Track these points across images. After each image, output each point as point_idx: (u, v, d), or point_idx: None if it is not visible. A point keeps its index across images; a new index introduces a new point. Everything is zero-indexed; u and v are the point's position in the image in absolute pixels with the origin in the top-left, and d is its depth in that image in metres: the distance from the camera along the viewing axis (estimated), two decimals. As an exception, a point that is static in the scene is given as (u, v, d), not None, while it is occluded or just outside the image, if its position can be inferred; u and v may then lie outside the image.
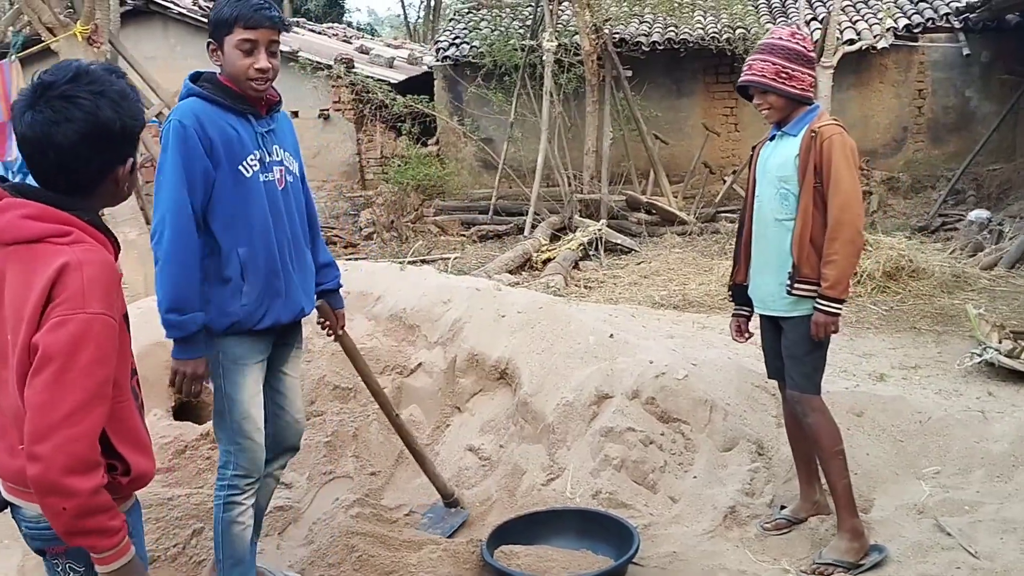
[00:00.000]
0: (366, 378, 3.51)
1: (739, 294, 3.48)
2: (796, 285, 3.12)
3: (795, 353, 3.21)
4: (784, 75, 3.11)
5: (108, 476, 1.72)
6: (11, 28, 7.21)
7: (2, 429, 1.78)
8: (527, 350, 4.31)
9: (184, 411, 4.23)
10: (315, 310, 3.11)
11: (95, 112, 1.72)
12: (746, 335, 3.52)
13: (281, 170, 2.82)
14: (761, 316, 3.39)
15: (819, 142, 3.08)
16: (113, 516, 1.68)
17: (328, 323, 3.22)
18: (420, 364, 4.51)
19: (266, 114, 2.80)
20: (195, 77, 2.75)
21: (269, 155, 2.78)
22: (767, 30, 12.48)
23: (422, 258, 9.62)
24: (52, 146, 1.71)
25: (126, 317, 1.81)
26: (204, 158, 2.63)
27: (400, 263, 5.67)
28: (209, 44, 2.72)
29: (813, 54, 3.22)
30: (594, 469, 3.73)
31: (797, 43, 3.16)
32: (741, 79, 3.22)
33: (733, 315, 3.54)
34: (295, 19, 19.71)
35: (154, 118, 7.62)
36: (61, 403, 1.61)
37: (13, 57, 7.04)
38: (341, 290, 3.23)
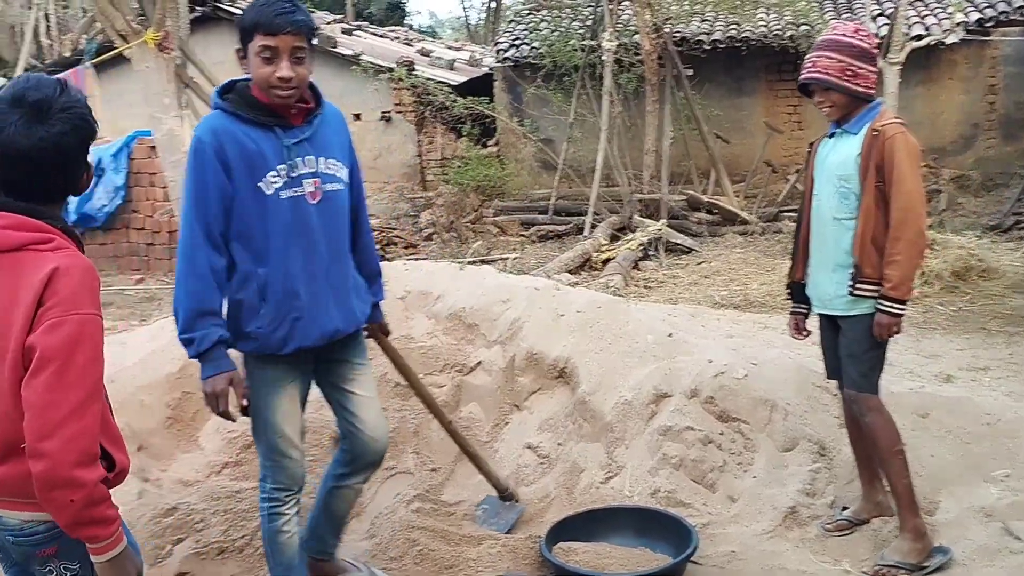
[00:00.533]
0: (415, 386, 3.48)
1: (797, 292, 3.46)
2: (858, 285, 3.09)
3: (853, 351, 3.17)
4: (849, 73, 3.06)
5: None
6: (85, 36, 7.45)
7: None
8: (586, 349, 4.33)
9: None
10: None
11: (86, 119, 1.84)
12: (804, 333, 3.49)
13: (315, 182, 2.66)
14: (820, 315, 3.36)
15: (881, 141, 3.03)
16: (110, 506, 1.75)
17: (368, 334, 3.10)
18: (479, 362, 4.56)
19: (302, 122, 2.66)
20: (227, 87, 2.68)
21: (299, 168, 2.63)
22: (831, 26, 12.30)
23: (481, 258, 9.69)
24: (62, 154, 1.79)
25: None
26: (219, 174, 2.55)
27: (460, 263, 5.73)
28: (237, 51, 2.62)
29: (877, 51, 3.18)
30: (652, 468, 3.74)
31: (862, 40, 3.10)
32: (804, 76, 3.16)
33: (791, 313, 3.51)
34: (357, 23, 19.99)
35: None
36: (63, 401, 1.67)
37: (88, 64, 7.30)
38: (402, 288, 3.25)
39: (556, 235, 11.44)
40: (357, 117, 13.34)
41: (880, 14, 12.44)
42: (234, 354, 2.68)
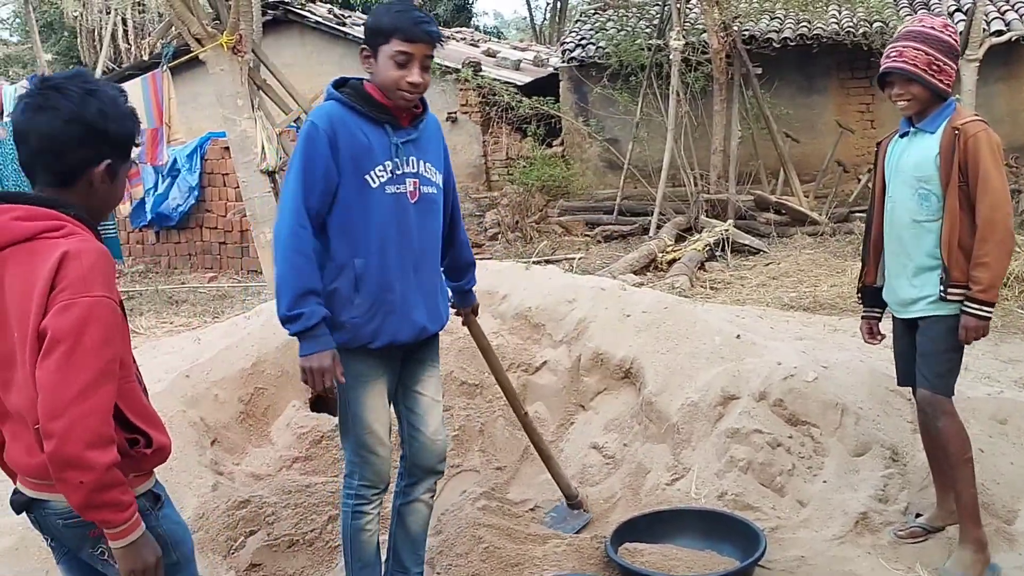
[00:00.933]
0: (497, 373, 3.55)
1: (870, 296, 3.40)
2: (949, 291, 3.01)
3: (930, 351, 3.10)
4: (934, 67, 2.99)
5: (133, 449, 1.85)
6: (162, 40, 7.66)
7: (14, 430, 1.86)
8: (652, 350, 4.30)
9: (320, 403, 4.42)
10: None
11: (80, 107, 1.81)
12: (879, 337, 3.43)
13: (415, 182, 2.75)
14: (895, 319, 3.30)
15: (963, 140, 2.95)
16: (125, 492, 1.75)
17: (458, 313, 3.28)
18: (545, 362, 4.57)
19: (409, 124, 2.75)
20: (339, 83, 2.76)
21: (403, 167, 2.72)
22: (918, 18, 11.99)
23: (546, 258, 9.70)
24: (35, 132, 1.81)
25: (122, 305, 1.88)
26: (328, 160, 2.62)
27: (525, 263, 5.74)
28: (363, 50, 2.70)
29: (958, 45, 3.11)
30: (720, 470, 3.70)
31: (949, 36, 3.04)
32: (888, 64, 3.06)
33: (863, 317, 3.46)
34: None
35: (292, 123, 7.97)
36: (73, 382, 1.68)
37: (164, 67, 7.50)
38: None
39: (621, 235, 11.39)
40: (423, 118, 13.44)
41: (957, 9, 12.11)
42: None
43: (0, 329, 1.82)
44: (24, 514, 1.96)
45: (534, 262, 7.06)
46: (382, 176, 2.68)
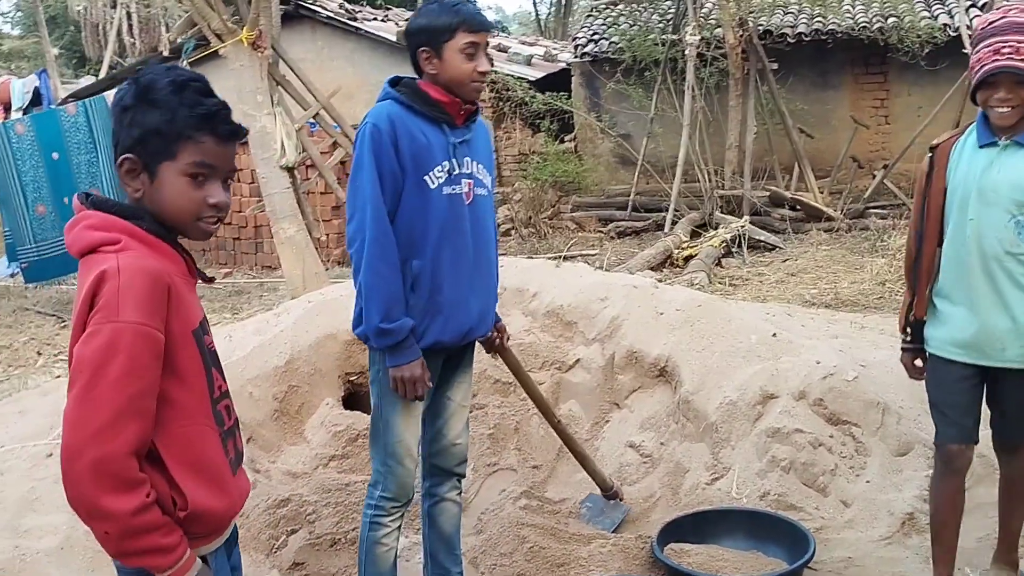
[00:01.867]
0: (528, 388, 3.47)
1: (916, 331, 2.93)
2: None
3: None
4: None
5: (160, 509, 1.58)
6: (183, 35, 7.64)
7: None
8: (687, 348, 4.28)
9: (354, 401, 4.41)
10: None
11: (123, 102, 1.71)
12: (924, 370, 2.97)
13: (470, 183, 2.72)
14: (958, 365, 2.80)
15: None
16: (167, 533, 1.56)
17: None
18: (578, 360, 4.55)
19: (463, 123, 2.72)
20: (394, 81, 2.72)
21: (459, 167, 2.69)
22: (922, 18, 11.95)
23: (580, 253, 9.69)
24: (112, 133, 1.72)
25: (204, 330, 1.72)
26: (394, 161, 2.59)
27: (555, 259, 5.73)
28: (422, 52, 2.63)
29: None
30: (761, 470, 3.68)
31: None
32: (1001, 63, 2.51)
33: (907, 349, 2.98)
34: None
35: (311, 119, 7.95)
36: (90, 420, 1.50)
37: (185, 62, 7.47)
38: (499, 286, 3.15)
39: (635, 231, 11.37)
40: (435, 113, 13.43)
41: (973, 4, 12.06)
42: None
43: (74, 338, 1.71)
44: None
45: (564, 258, 7.04)
46: (440, 177, 2.65)
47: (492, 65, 2.70)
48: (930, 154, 2.78)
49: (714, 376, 4.11)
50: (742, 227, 9.86)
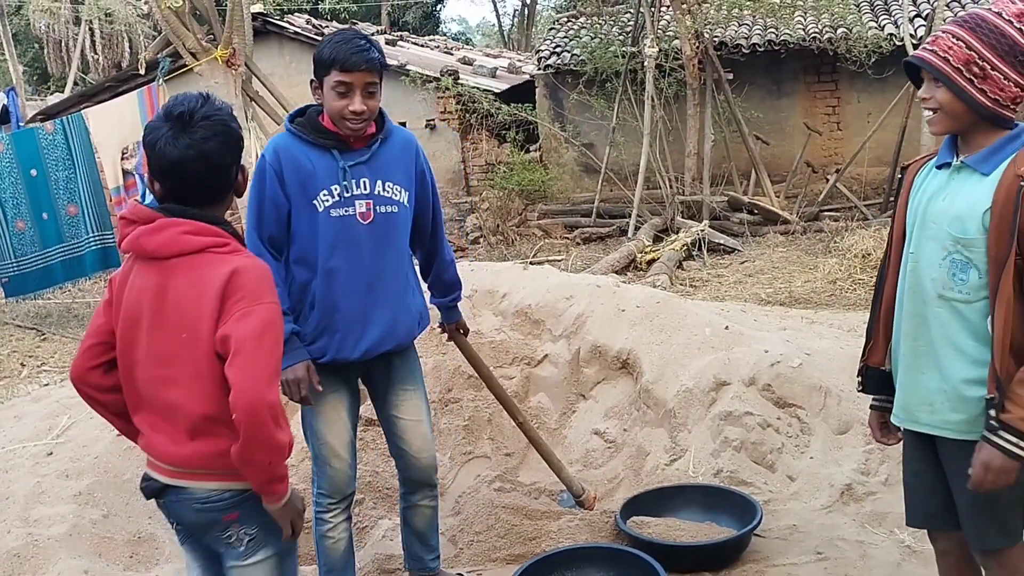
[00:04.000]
0: (489, 383, 3.70)
1: (874, 380, 2.45)
2: (1000, 421, 2.02)
3: (984, 496, 2.10)
4: (976, 69, 2.03)
5: None
6: (159, 53, 7.88)
7: (153, 421, 2.08)
8: (647, 341, 4.61)
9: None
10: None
11: (228, 125, 2.08)
12: (894, 437, 2.44)
13: (368, 203, 2.81)
14: (907, 432, 2.32)
15: None
16: (286, 467, 2.03)
17: (444, 330, 3.40)
18: (546, 356, 4.86)
19: (363, 146, 2.82)
20: (296, 114, 2.89)
21: (352, 189, 2.79)
22: (869, 28, 12.44)
23: (546, 259, 10.00)
24: (205, 159, 2.03)
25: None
26: (276, 189, 2.73)
27: (523, 263, 6.04)
28: (312, 82, 2.80)
29: None
30: (715, 450, 4.01)
31: (1020, 29, 2.04)
32: (913, 54, 2.17)
33: (872, 407, 2.50)
34: (398, 33, 20.42)
35: (284, 133, 8.19)
36: (260, 376, 1.91)
37: (160, 81, 7.71)
38: (469, 287, 3.44)
39: (599, 237, 11.72)
40: (403, 125, 13.69)
41: (917, 15, 12.59)
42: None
43: (163, 330, 2.04)
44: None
45: (531, 262, 7.35)
46: (327, 200, 2.77)
47: (369, 106, 2.72)
48: (901, 174, 2.37)
49: (672, 367, 4.43)
50: (702, 231, 10.24)
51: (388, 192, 2.86)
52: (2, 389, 6.27)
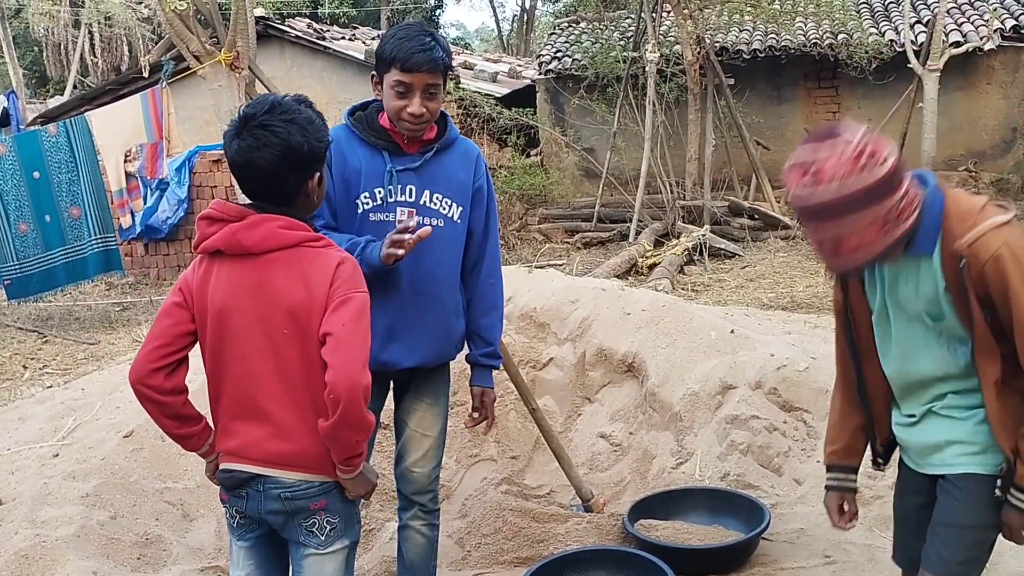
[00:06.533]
0: (506, 364, 3.69)
1: (842, 466, 2.38)
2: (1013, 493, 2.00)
3: (953, 521, 2.08)
4: (890, 219, 1.89)
5: None
6: (163, 57, 7.89)
7: (265, 415, 2.11)
8: (652, 345, 4.62)
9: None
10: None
11: (287, 138, 2.05)
12: (853, 517, 2.40)
13: (410, 212, 2.62)
14: (907, 470, 2.27)
15: (974, 272, 1.91)
16: (366, 443, 2.14)
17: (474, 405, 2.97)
18: (551, 359, 4.87)
19: (417, 151, 2.66)
20: (357, 108, 2.75)
21: (398, 195, 2.64)
22: (870, 34, 12.48)
23: (548, 263, 10.00)
24: (254, 168, 2.06)
25: None
26: (329, 179, 2.56)
27: (528, 267, 6.05)
28: (373, 76, 2.65)
29: (891, 159, 1.87)
30: (721, 453, 4.01)
31: (872, 168, 1.85)
32: (835, 270, 2.04)
33: (830, 489, 2.39)
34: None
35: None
36: (357, 360, 2.00)
37: (164, 84, 7.71)
38: None
39: (600, 241, 11.73)
40: (404, 129, 13.74)
41: (918, 21, 12.63)
42: None
43: (261, 325, 2.08)
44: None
45: (537, 266, 7.36)
46: (367, 203, 2.64)
47: (430, 108, 2.56)
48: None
49: (678, 370, 4.44)
50: (703, 236, 10.25)
51: (435, 204, 2.67)
52: (4, 391, 6.26)
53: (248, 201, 2.16)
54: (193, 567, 3.45)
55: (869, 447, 2.33)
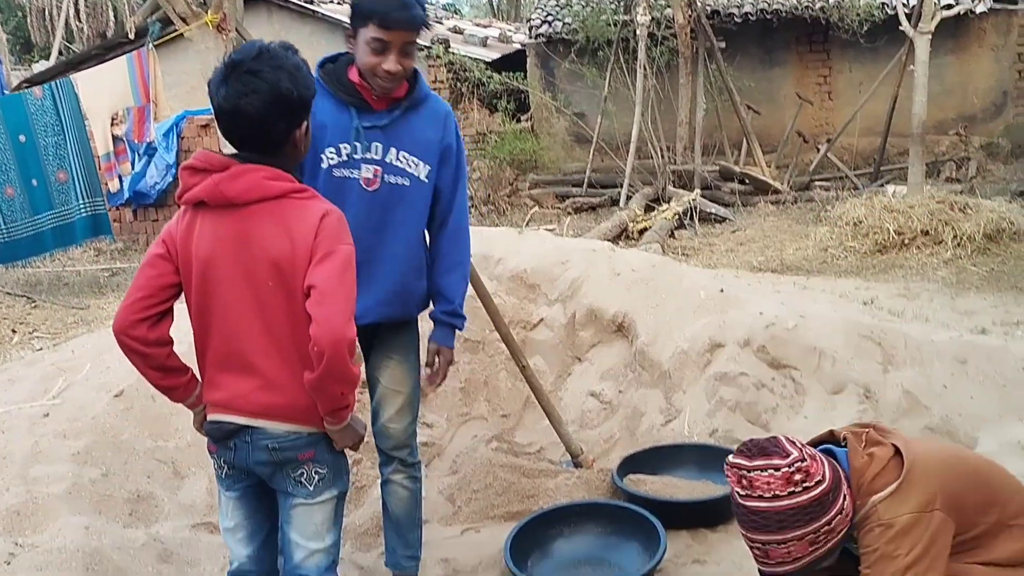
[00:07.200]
0: (494, 318, 3.77)
1: None
2: None
3: None
4: (822, 537, 1.95)
5: None
6: (149, 19, 7.79)
7: (252, 368, 2.11)
8: (642, 305, 4.63)
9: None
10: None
11: (276, 84, 2.04)
12: None
13: (376, 170, 2.62)
14: None
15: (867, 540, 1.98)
16: (353, 396, 2.13)
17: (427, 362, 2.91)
18: (542, 319, 4.88)
19: (385, 108, 2.62)
20: (326, 60, 2.71)
21: (364, 152, 2.61)
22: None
23: (522, 229, 9.99)
24: (242, 115, 2.04)
25: None
26: None
27: (519, 229, 6.05)
28: (346, 29, 2.61)
29: (825, 481, 1.94)
30: (710, 411, 4.04)
31: (804, 489, 1.91)
32: (765, 574, 2.04)
33: None
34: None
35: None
36: (342, 313, 2.00)
37: (150, 45, 7.63)
38: None
39: (591, 207, 11.71)
40: (393, 94, 13.65)
41: (909, -16, 12.54)
42: None
43: (247, 278, 2.08)
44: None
45: (526, 226, 7.35)
46: (332, 158, 2.61)
47: (405, 65, 2.53)
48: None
49: (667, 329, 4.46)
50: (693, 200, 10.23)
51: (402, 163, 2.66)
52: (-6, 355, 6.25)
53: (233, 152, 2.14)
54: (185, 523, 3.47)
55: None
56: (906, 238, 7.70)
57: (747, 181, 11.32)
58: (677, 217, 9.94)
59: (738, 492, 1.97)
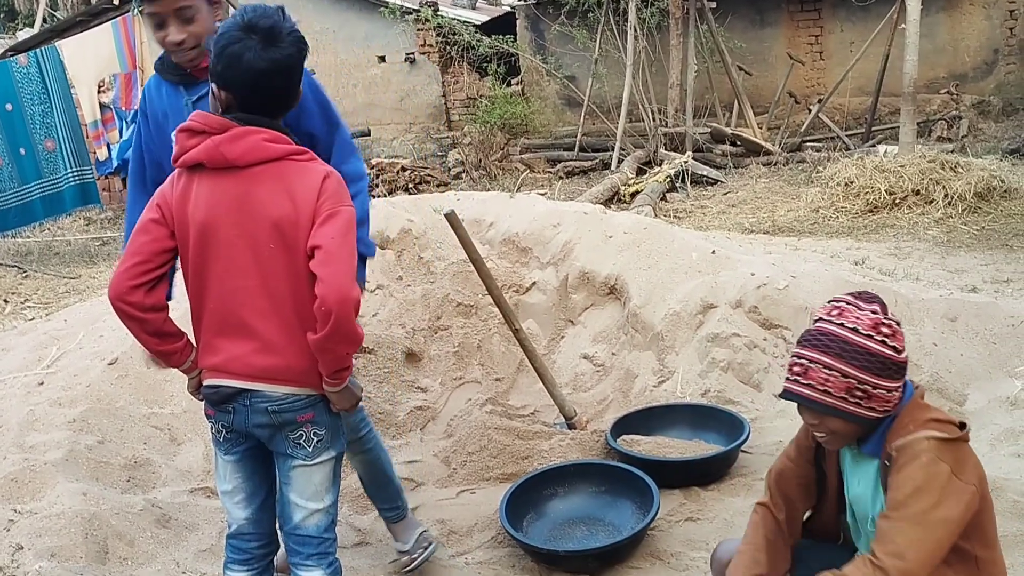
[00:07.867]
0: (486, 281, 3.77)
1: None
2: None
3: None
4: (859, 393, 1.90)
5: None
6: (133, -16, 7.69)
7: (250, 331, 2.11)
8: (634, 267, 4.64)
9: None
10: None
11: (304, 40, 2.13)
12: None
13: None
14: None
15: (896, 469, 1.90)
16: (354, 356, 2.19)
17: None
18: (534, 283, 4.89)
19: (207, 76, 2.48)
20: None
21: None
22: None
23: (514, 192, 9.96)
24: (289, 72, 2.09)
25: None
26: (146, 129, 2.62)
27: (510, 192, 6.03)
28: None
29: (903, 355, 1.94)
30: (702, 371, 4.07)
31: (882, 342, 1.90)
32: (788, 389, 1.99)
33: None
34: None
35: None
36: (348, 273, 2.01)
37: (136, 11, 7.54)
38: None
39: (582, 171, 11.67)
40: (382, 59, 13.50)
41: (902, -59, 12.42)
42: None
43: (247, 240, 2.07)
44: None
45: (517, 190, 7.34)
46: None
47: (189, 32, 2.43)
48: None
49: (659, 291, 4.48)
50: (685, 163, 10.21)
51: None
52: (-14, 325, 6.24)
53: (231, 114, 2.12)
54: (182, 488, 3.50)
55: None
56: (897, 198, 7.72)
57: (738, 143, 11.28)
58: (669, 180, 9.92)
59: (823, 317, 1.97)
